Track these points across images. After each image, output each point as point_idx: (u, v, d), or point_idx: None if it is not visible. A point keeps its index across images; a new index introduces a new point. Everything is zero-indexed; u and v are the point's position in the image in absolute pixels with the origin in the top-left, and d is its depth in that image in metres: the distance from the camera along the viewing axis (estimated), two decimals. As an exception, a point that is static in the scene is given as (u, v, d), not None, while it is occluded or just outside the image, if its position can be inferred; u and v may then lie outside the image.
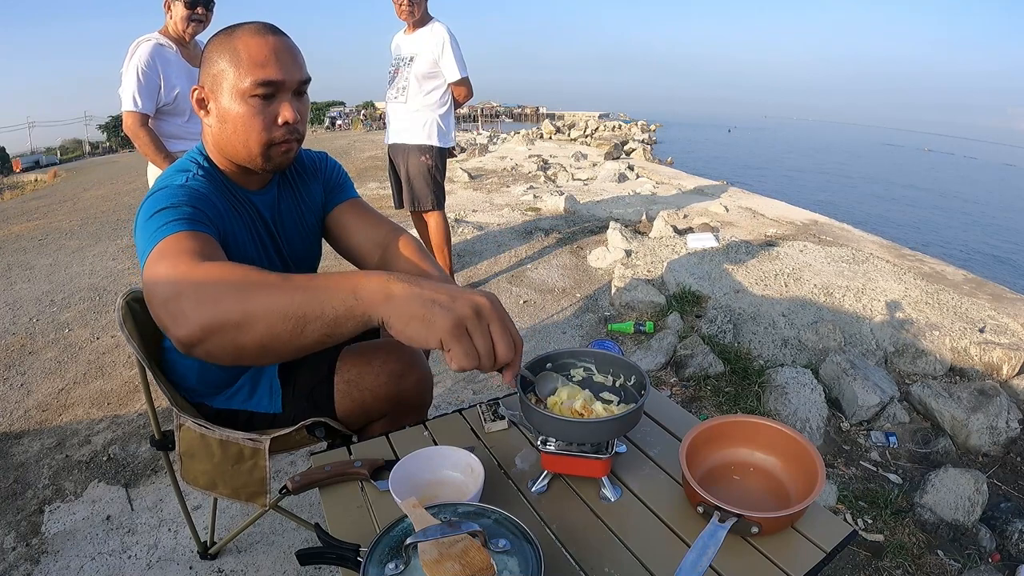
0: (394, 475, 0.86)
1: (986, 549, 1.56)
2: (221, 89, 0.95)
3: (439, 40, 2.73)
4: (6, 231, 5.79)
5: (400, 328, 0.63)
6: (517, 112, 52.84)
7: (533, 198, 5.61)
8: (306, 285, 0.68)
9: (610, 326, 2.78)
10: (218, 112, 0.97)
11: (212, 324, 0.68)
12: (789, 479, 0.88)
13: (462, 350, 0.62)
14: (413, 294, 0.63)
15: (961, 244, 11.30)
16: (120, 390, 2.36)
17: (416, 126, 2.85)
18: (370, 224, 1.20)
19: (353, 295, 0.65)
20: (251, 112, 0.94)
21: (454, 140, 3.01)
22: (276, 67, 0.93)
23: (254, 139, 0.96)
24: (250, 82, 0.92)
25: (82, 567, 1.50)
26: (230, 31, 0.95)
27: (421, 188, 2.92)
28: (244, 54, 0.92)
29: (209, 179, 0.99)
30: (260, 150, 0.98)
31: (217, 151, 1.02)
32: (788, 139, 50.65)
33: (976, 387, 2.12)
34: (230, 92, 0.94)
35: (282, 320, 0.66)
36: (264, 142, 0.97)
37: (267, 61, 0.92)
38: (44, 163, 27.83)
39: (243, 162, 1.01)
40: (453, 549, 0.65)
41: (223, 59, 0.94)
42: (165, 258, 0.79)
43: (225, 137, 0.98)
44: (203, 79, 0.97)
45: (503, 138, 15.48)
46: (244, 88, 0.93)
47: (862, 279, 3.17)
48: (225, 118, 0.96)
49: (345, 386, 1.14)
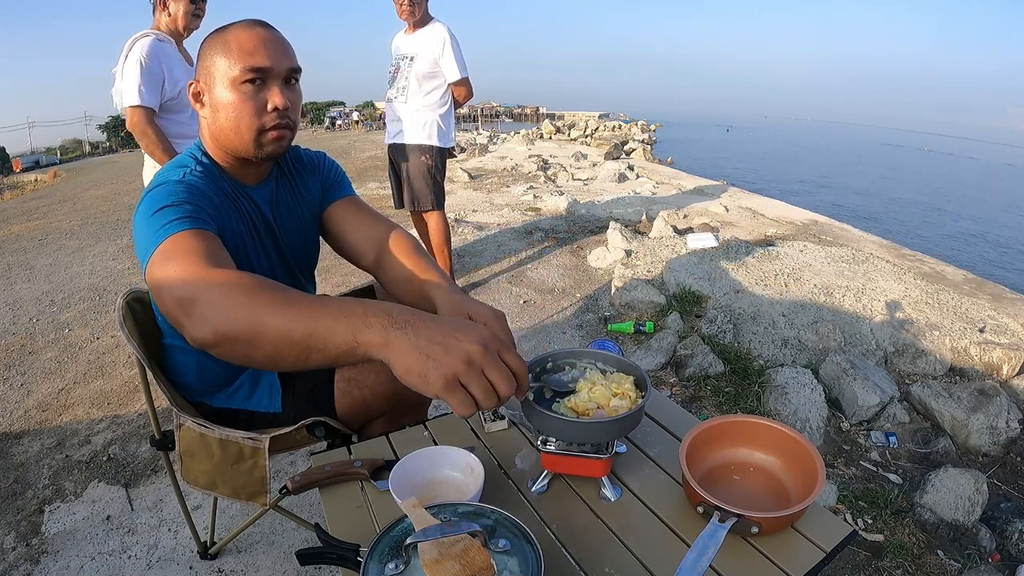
0: (394, 475, 0.86)
1: (986, 549, 1.56)
2: (214, 80, 0.98)
3: (439, 40, 2.72)
4: (6, 231, 5.79)
5: (400, 376, 0.66)
6: (517, 112, 52.82)
7: (533, 198, 5.61)
8: (313, 314, 0.69)
9: (610, 326, 2.78)
10: (212, 102, 1.00)
11: (226, 334, 0.72)
12: (789, 479, 0.88)
13: (457, 401, 0.64)
14: (410, 345, 0.65)
15: (962, 243, 11.31)
16: (120, 390, 2.36)
17: (416, 126, 2.85)
18: (367, 222, 1.20)
19: (354, 338, 0.67)
20: (242, 99, 0.97)
21: (454, 140, 3.01)
22: (265, 55, 0.97)
23: (245, 124, 0.99)
24: (240, 69, 0.96)
25: (82, 567, 1.50)
26: (223, 28, 1.00)
27: (421, 188, 2.92)
28: (235, 45, 0.96)
29: (207, 174, 1.01)
30: (252, 136, 1.00)
31: (214, 143, 1.04)
32: (787, 138, 50.71)
33: (976, 387, 2.12)
34: (222, 81, 0.97)
35: (288, 345, 0.69)
36: (256, 127, 0.99)
37: (256, 50, 0.96)
38: (44, 163, 27.82)
39: (237, 151, 1.03)
40: (453, 549, 0.65)
41: (216, 52, 0.98)
42: (174, 257, 0.81)
43: (219, 126, 1.01)
44: (198, 74, 1.01)
45: (503, 138, 15.48)
46: (235, 76, 0.96)
47: (862, 279, 3.17)
48: (218, 107, 0.99)
49: (345, 384, 1.14)
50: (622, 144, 15.93)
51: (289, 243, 1.17)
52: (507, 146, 12.56)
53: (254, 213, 1.09)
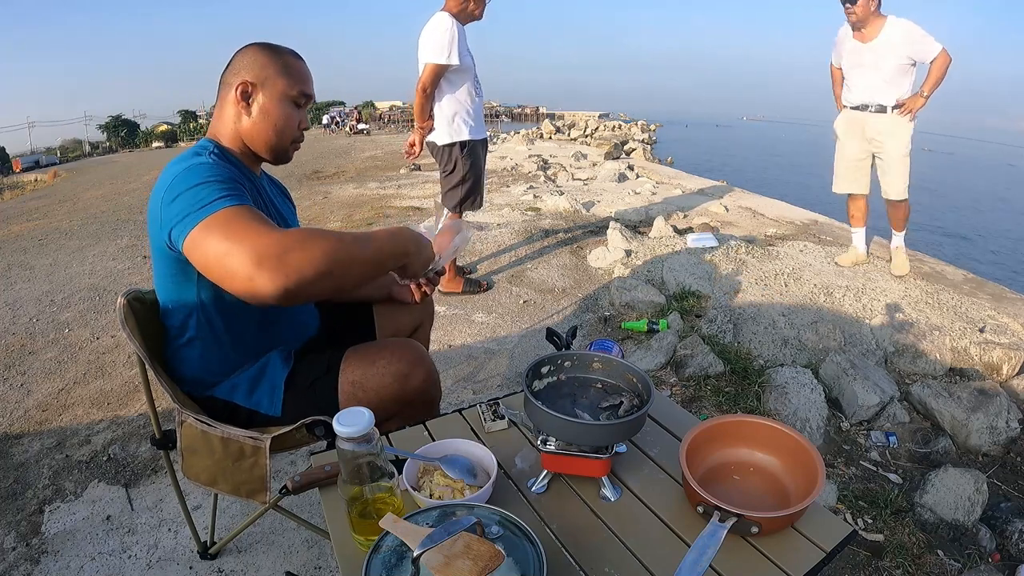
0: (416, 453, 0.94)
1: (986, 549, 1.56)
2: (271, 91, 1.13)
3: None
4: (6, 231, 5.79)
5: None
6: (517, 112, 52.83)
7: (533, 198, 5.61)
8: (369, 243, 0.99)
9: (624, 324, 2.77)
10: (262, 106, 1.14)
11: (323, 270, 0.89)
12: (789, 479, 0.88)
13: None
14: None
15: (963, 244, 11.30)
16: (120, 390, 2.36)
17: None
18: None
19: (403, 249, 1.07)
20: (291, 115, 1.16)
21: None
22: (311, 85, 1.19)
23: (287, 135, 1.17)
24: (298, 91, 1.16)
25: (82, 567, 1.50)
26: (276, 48, 1.16)
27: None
28: (294, 70, 1.15)
29: (226, 159, 1.12)
30: (286, 144, 1.19)
31: (236, 137, 1.16)
32: (787, 138, 50.80)
33: (976, 387, 2.12)
34: (279, 96, 1.14)
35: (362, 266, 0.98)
36: (291, 139, 1.19)
37: (307, 79, 1.18)
38: (44, 163, 27.83)
39: (262, 151, 1.18)
40: (456, 548, 0.65)
41: (275, 67, 1.13)
42: (238, 224, 0.90)
43: (259, 127, 1.15)
44: (249, 75, 1.12)
45: (503, 138, 15.48)
46: (293, 95, 1.15)
47: (862, 279, 3.17)
48: (268, 113, 1.14)
49: (350, 387, 1.14)
50: (622, 144, 15.94)
51: (283, 225, 1.24)
52: (507, 146, 12.57)
53: (264, 196, 1.21)
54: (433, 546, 0.66)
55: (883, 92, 3.03)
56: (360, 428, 0.76)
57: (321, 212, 5.49)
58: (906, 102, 2.99)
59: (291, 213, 1.36)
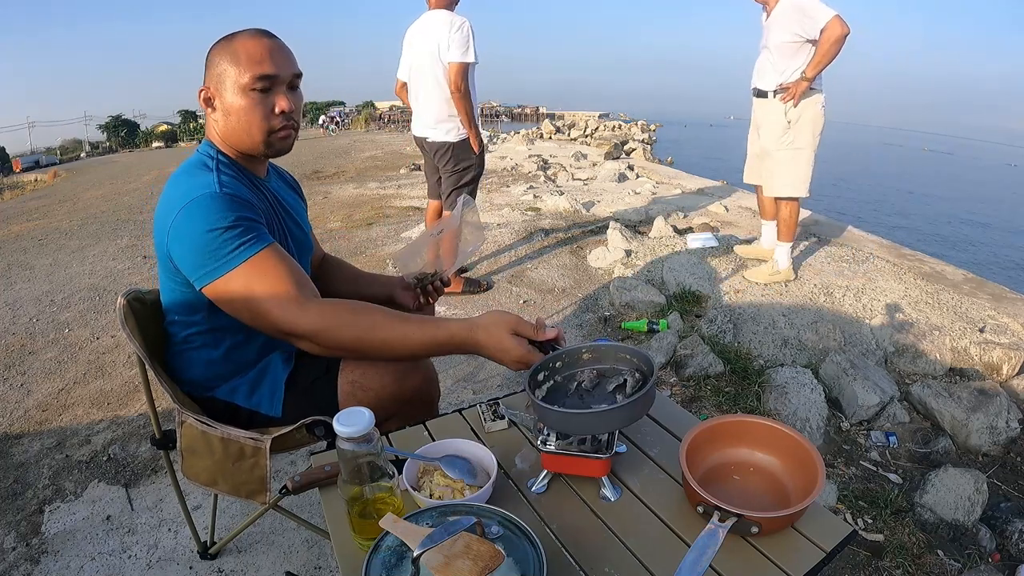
0: (416, 453, 0.94)
1: (986, 549, 1.56)
2: (224, 87, 1.05)
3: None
4: (6, 231, 5.79)
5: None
6: (517, 112, 52.81)
7: (533, 198, 5.61)
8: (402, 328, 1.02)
9: (624, 324, 2.77)
10: (223, 107, 1.07)
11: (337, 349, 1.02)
12: (789, 479, 0.88)
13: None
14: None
15: (962, 243, 11.30)
16: (120, 390, 2.36)
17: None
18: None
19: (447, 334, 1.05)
20: (251, 104, 1.05)
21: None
22: (271, 63, 1.04)
23: (256, 128, 1.07)
24: (249, 77, 1.03)
25: (82, 567, 1.50)
26: (229, 37, 1.06)
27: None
28: (243, 54, 1.03)
29: (233, 170, 1.09)
30: (262, 137, 1.08)
31: (225, 144, 1.11)
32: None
33: (976, 387, 2.12)
34: (232, 88, 1.04)
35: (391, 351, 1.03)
36: (266, 130, 1.08)
37: (263, 59, 1.04)
38: (44, 163, 27.83)
39: (248, 150, 1.11)
40: (456, 548, 0.65)
41: (224, 60, 1.04)
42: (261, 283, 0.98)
43: (230, 129, 1.08)
44: (208, 80, 1.07)
45: (503, 138, 15.49)
46: (244, 83, 1.03)
47: (862, 279, 3.17)
48: (229, 111, 1.06)
49: (350, 387, 1.14)
50: (622, 144, 15.94)
51: (296, 230, 1.23)
52: (507, 146, 12.57)
53: (274, 202, 1.17)
54: (433, 546, 0.66)
55: (765, 75, 2.84)
56: (360, 428, 0.76)
57: (321, 212, 5.50)
58: (789, 86, 2.71)
59: (302, 212, 1.33)
